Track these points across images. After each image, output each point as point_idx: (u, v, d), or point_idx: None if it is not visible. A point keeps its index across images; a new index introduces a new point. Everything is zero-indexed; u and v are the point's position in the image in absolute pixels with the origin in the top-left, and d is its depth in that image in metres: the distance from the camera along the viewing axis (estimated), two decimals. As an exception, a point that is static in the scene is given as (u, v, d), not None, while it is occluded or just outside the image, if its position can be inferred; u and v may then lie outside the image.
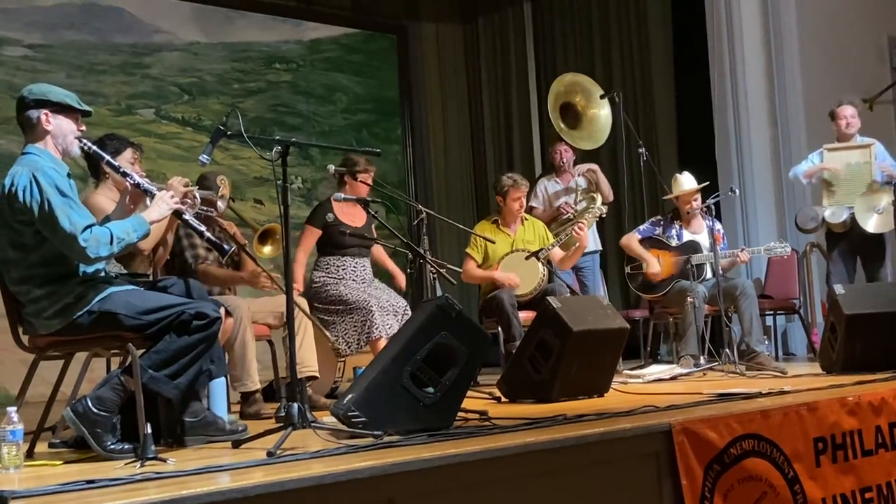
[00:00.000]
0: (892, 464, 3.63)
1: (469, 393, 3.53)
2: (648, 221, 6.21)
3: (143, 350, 3.11)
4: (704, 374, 5.18)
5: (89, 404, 3.00)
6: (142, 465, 2.69)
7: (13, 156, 3.22)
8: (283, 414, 3.08)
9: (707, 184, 6.13)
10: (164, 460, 2.74)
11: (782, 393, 3.84)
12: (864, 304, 4.84)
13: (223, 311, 3.26)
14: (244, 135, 3.32)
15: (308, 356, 4.39)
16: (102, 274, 3.21)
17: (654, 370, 5.23)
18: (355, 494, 2.36)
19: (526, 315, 5.40)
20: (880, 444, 3.61)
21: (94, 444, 2.97)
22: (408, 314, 4.91)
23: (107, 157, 3.35)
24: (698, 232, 6.03)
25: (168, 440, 3.19)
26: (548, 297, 4.41)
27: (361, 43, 8.87)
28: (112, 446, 2.98)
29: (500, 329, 5.41)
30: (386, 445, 2.79)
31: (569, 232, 5.69)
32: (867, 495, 3.50)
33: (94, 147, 3.29)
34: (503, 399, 4.34)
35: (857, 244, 6.02)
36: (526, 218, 5.93)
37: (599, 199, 6.27)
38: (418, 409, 3.11)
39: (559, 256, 5.78)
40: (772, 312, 6.78)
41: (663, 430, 3.01)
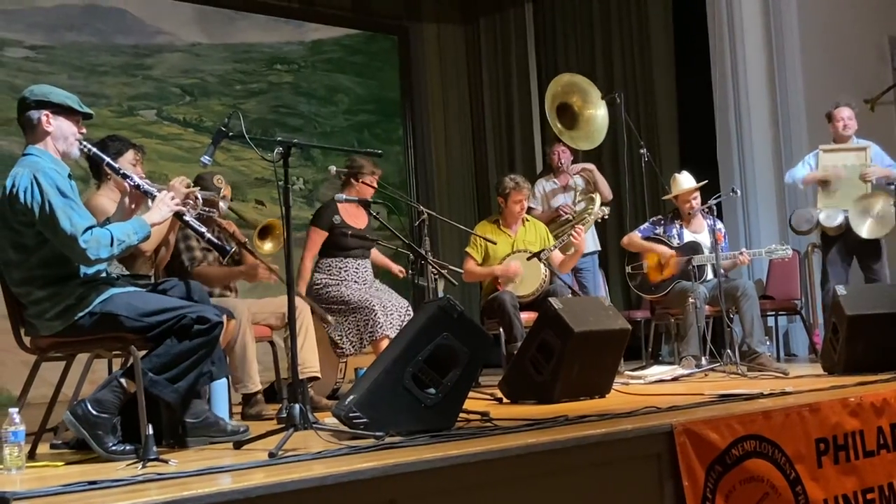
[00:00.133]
0: (893, 464, 3.63)
1: (470, 394, 3.53)
2: (649, 221, 6.20)
3: (144, 352, 3.11)
4: (706, 375, 5.18)
5: (88, 407, 3.01)
6: (143, 466, 2.69)
7: (15, 157, 3.22)
8: (284, 415, 3.08)
9: (706, 182, 6.12)
10: (165, 461, 2.74)
11: (784, 394, 3.84)
12: (866, 305, 4.84)
13: (224, 316, 3.25)
14: (246, 136, 3.32)
15: (309, 357, 4.38)
16: (104, 275, 3.21)
17: (656, 371, 5.23)
18: (357, 495, 2.37)
19: (527, 316, 5.40)
20: (882, 445, 3.61)
21: (96, 446, 2.98)
22: (410, 314, 4.91)
23: (107, 158, 3.35)
24: (699, 231, 6.02)
25: (170, 441, 3.20)
26: (549, 298, 4.41)
27: (363, 44, 8.87)
28: (113, 447, 2.99)
29: (501, 330, 5.41)
30: (387, 446, 2.79)
31: (565, 238, 5.69)
32: (869, 496, 3.50)
33: (94, 149, 3.29)
34: (505, 400, 4.34)
35: (852, 246, 6.02)
36: (527, 219, 5.92)
37: (598, 200, 6.26)
38: (420, 409, 3.11)
39: (559, 259, 5.78)
40: (773, 313, 6.77)
41: (665, 430, 3.01)
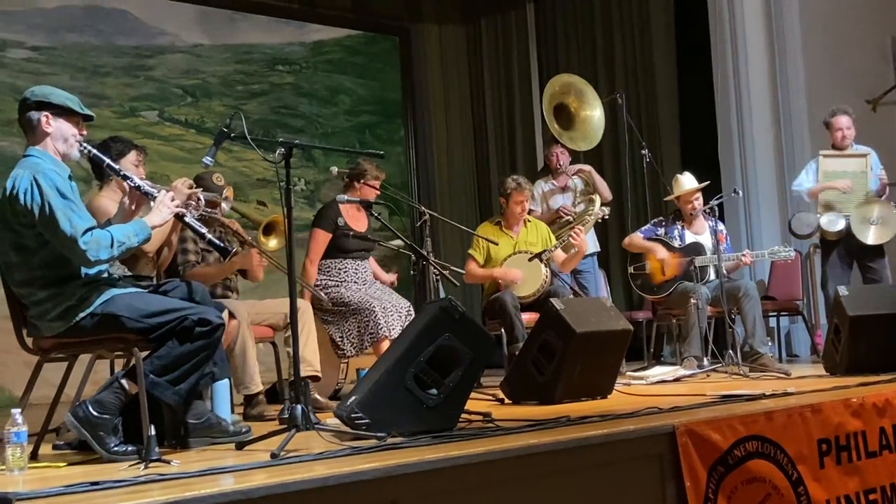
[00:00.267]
0: (895, 465, 3.63)
1: (472, 394, 3.53)
2: (651, 222, 6.20)
3: (146, 353, 3.11)
4: (708, 376, 5.17)
5: (89, 408, 3.01)
6: (145, 467, 2.69)
7: (16, 157, 3.23)
8: (286, 416, 3.08)
9: (707, 183, 6.12)
10: (167, 462, 2.74)
11: (786, 394, 3.84)
12: (867, 306, 4.84)
13: (226, 315, 3.25)
14: (247, 137, 3.32)
15: (310, 357, 4.38)
16: (105, 276, 3.21)
17: (658, 372, 5.23)
18: (359, 496, 2.36)
19: (529, 316, 5.40)
20: (884, 446, 3.60)
21: (98, 447, 2.98)
22: (411, 315, 4.91)
23: (107, 160, 3.34)
24: (700, 232, 6.02)
25: (172, 442, 3.20)
26: (551, 299, 4.40)
27: (364, 45, 8.88)
28: (115, 448, 2.99)
29: (503, 331, 5.41)
30: (389, 447, 2.79)
31: (565, 238, 5.68)
32: (871, 497, 3.50)
33: (94, 150, 3.28)
34: (506, 401, 4.34)
35: (853, 250, 6.00)
36: (529, 220, 5.92)
37: (598, 201, 6.26)
38: (422, 410, 3.11)
39: (561, 259, 5.78)
40: (775, 314, 6.76)
41: (667, 431, 3.00)
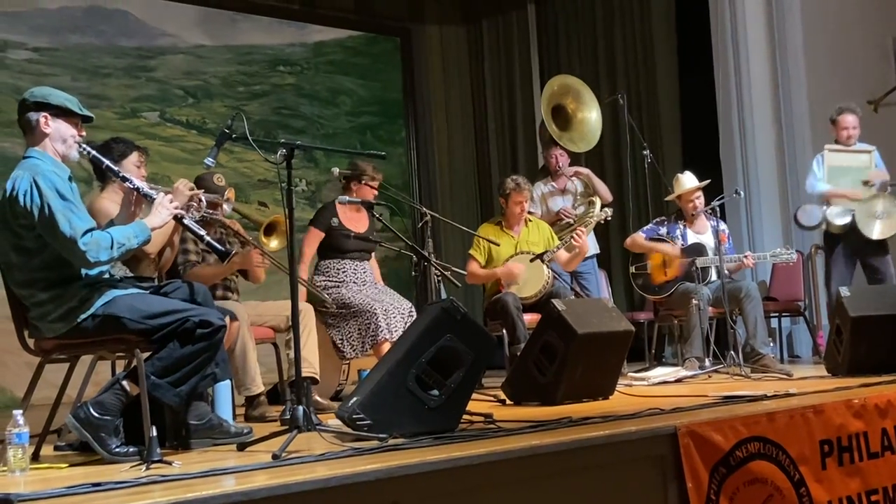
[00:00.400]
0: (898, 466, 3.63)
1: (474, 395, 3.53)
2: (652, 222, 6.19)
3: (147, 353, 3.11)
4: (709, 377, 5.17)
5: (90, 410, 3.00)
6: (147, 468, 2.69)
7: (17, 158, 3.22)
8: (287, 417, 3.08)
9: (708, 181, 6.12)
10: (169, 463, 2.74)
11: (788, 395, 3.84)
12: (869, 307, 4.83)
13: (227, 317, 3.25)
14: (249, 138, 3.32)
15: (310, 358, 4.38)
16: (106, 277, 3.21)
17: (659, 372, 5.23)
18: (360, 497, 2.36)
19: (531, 317, 5.40)
20: (886, 447, 3.60)
21: (99, 448, 2.97)
22: (413, 316, 4.90)
23: (106, 161, 3.33)
24: (702, 232, 6.02)
25: (173, 443, 3.20)
26: (552, 300, 4.40)
27: (365, 46, 8.88)
28: (117, 449, 2.99)
29: (504, 331, 5.40)
30: (391, 448, 2.78)
31: (567, 240, 5.68)
32: (873, 498, 3.49)
33: (93, 151, 3.27)
34: (508, 402, 4.34)
35: (857, 246, 6.00)
36: (530, 220, 5.92)
37: (599, 203, 6.26)
38: (423, 411, 3.11)
39: (564, 258, 5.78)
40: (777, 314, 6.76)
41: (668, 432, 3.00)
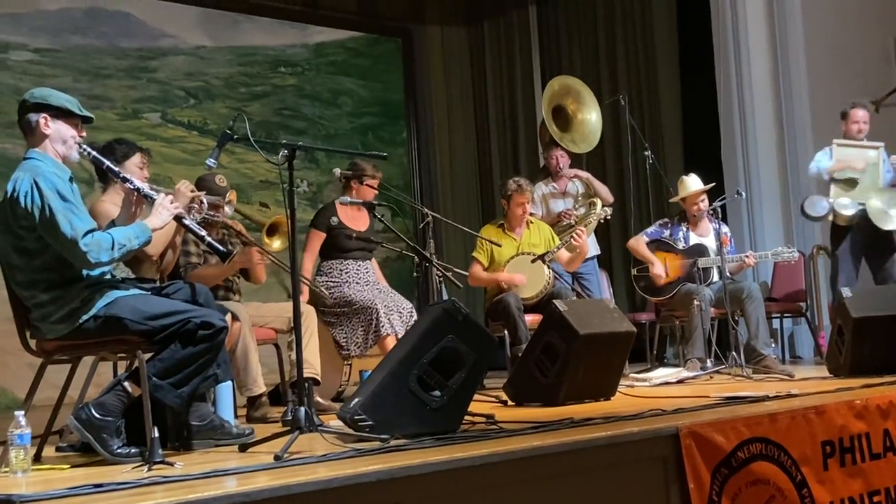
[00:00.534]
0: (900, 467, 3.62)
1: (475, 396, 3.53)
2: (656, 224, 6.19)
3: (149, 354, 3.11)
4: (711, 378, 5.17)
5: (92, 411, 3.01)
6: (149, 469, 2.69)
7: (19, 160, 3.22)
8: (289, 417, 3.08)
9: (713, 185, 6.12)
10: (171, 464, 2.74)
11: (789, 396, 3.84)
12: (871, 307, 4.83)
13: (229, 318, 3.25)
14: (250, 139, 3.32)
15: (311, 359, 4.38)
16: (108, 278, 3.21)
17: (661, 373, 5.22)
18: (362, 498, 2.36)
19: (532, 318, 5.40)
20: (888, 448, 3.60)
21: (101, 449, 2.97)
22: (414, 317, 4.90)
23: (107, 162, 3.32)
24: (705, 234, 6.02)
25: (175, 443, 3.20)
26: (554, 301, 4.40)
27: (367, 46, 8.88)
28: (119, 450, 2.99)
29: (506, 332, 5.40)
30: (393, 449, 2.78)
31: (567, 240, 5.68)
32: (875, 499, 3.49)
33: (93, 152, 3.27)
34: (510, 402, 4.34)
35: (864, 242, 5.99)
36: (531, 221, 5.92)
37: (600, 204, 6.26)
38: (425, 412, 3.11)
39: (566, 258, 5.78)
40: (778, 315, 6.76)
41: (670, 433, 3.00)
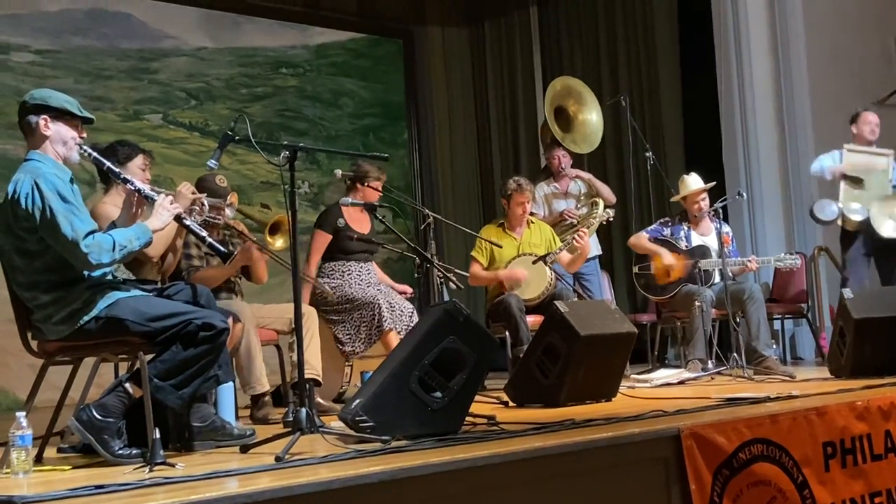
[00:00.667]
0: (901, 468, 3.62)
1: (476, 397, 3.53)
2: (657, 222, 6.19)
3: (150, 355, 3.11)
4: (712, 379, 5.17)
5: (93, 412, 3.00)
6: (150, 470, 2.69)
7: (20, 161, 3.22)
8: (290, 418, 3.07)
9: (714, 184, 6.12)
10: (172, 465, 2.74)
11: (791, 397, 3.84)
12: (873, 309, 4.83)
13: (230, 319, 3.24)
14: (252, 140, 3.32)
15: (312, 360, 4.38)
16: (109, 278, 3.21)
17: (662, 374, 5.22)
18: (363, 499, 2.36)
19: (533, 319, 5.40)
20: (889, 449, 3.60)
21: (102, 450, 2.97)
22: (415, 318, 4.90)
23: (107, 163, 3.32)
24: (706, 234, 6.01)
25: (176, 445, 3.20)
26: (555, 302, 4.40)
27: (368, 47, 8.89)
28: (120, 451, 2.98)
29: (507, 333, 5.40)
30: (394, 450, 2.79)
31: (569, 241, 5.68)
32: (877, 500, 3.49)
33: (94, 153, 3.26)
34: (511, 403, 4.34)
35: (874, 246, 5.98)
36: (532, 221, 5.92)
37: (602, 204, 6.26)
38: (426, 413, 3.11)
39: (566, 260, 5.78)
40: (780, 316, 6.76)
41: (672, 434, 3.00)
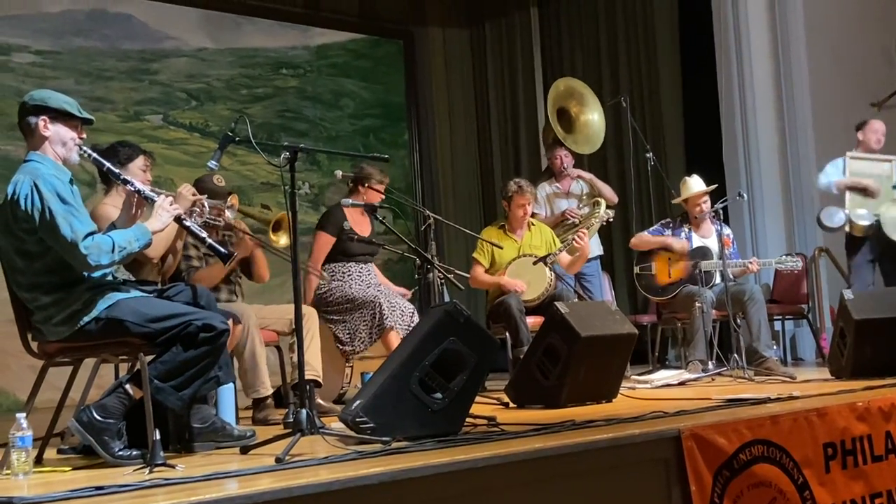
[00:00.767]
0: (902, 469, 3.62)
1: (477, 398, 3.53)
2: (658, 223, 6.19)
3: (150, 357, 3.11)
4: (713, 380, 5.17)
5: (93, 413, 3.00)
6: (150, 472, 2.69)
7: (21, 161, 3.22)
8: (291, 420, 3.07)
9: (716, 186, 6.12)
10: (172, 466, 2.74)
11: (791, 398, 3.84)
12: (873, 310, 4.83)
13: (230, 320, 3.24)
14: (252, 141, 3.32)
15: (312, 361, 4.38)
16: (109, 279, 3.21)
17: (663, 375, 5.22)
18: (364, 501, 2.36)
19: (534, 320, 5.39)
20: (890, 450, 3.60)
21: (102, 452, 2.97)
22: (416, 319, 4.90)
23: (107, 164, 3.31)
24: (707, 236, 6.01)
25: (176, 446, 3.20)
26: (555, 303, 4.40)
27: (368, 48, 8.89)
28: (120, 452, 2.99)
29: (507, 334, 5.40)
30: (394, 451, 2.79)
31: (569, 242, 5.68)
32: (877, 501, 3.49)
33: (94, 154, 3.26)
34: (511, 405, 4.34)
35: (880, 251, 5.98)
36: (533, 223, 5.92)
37: (604, 204, 6.27)
38: (427, 414, 3.11)
39: (566, 261, 5.78)
40: (780, 317, 6.76)
41: (672, 435, 3.00)
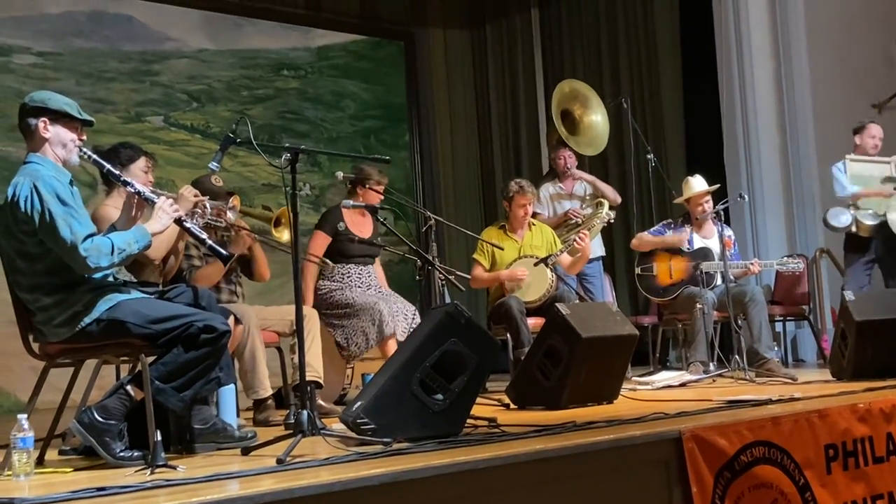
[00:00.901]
0: (903, 471, 3.62)
1: (478, 400, 3.53)
2: (660, 224, 6.18)
3: (151, 358, 3.11)
4: (714, 381, 5.17)
5: (94, 414, 3.00)
6: (152, 473, 2.69)
7: (21, 163, 3.22)
8: (292, 421, 3.07)
9: (718, 186, 6.13)
10: (173, 467, 2.74)
11: (792, 400, 3.84)
12: (874, 311, 4.83)
13: (232, 320, 3.25)
14: (253, 142, 3.32)
15: (313, 362, 4.38)
16: (111, 280, 3.21)
17: (664, 377, 5.22)
18: (364, 501, 2.36)
19: (535, 321, 5.39)
20: (891, 451, 3.60)
21: (104, 453, 2.97)
22: (417, 320, 4.90)
23: (107, 165, 3.32)
24: (709, 237, 6.00)
25: (178, 447, 3.20)
26: (556, 304, 4.40)
27: (369, 50, 8.89)
28: (121, 453, 2.99)
29: (508, 335, 5.40)
30: (395, 453, 2.79)
31: (570, 243, 5.68)
32: (878, 502, 3.49)
33: (94, 156, 3.26)
34: (512, 406, 4.34)
35: (883, 250, 5.98)
36: (534, 224, 5.92)
37: (606, 205, 6.27)
38: (427, 416, 3.11)
39: (567, 262, 5.78)
40: (781, 318, 6.76)
41: (673, 437, 3.00)
